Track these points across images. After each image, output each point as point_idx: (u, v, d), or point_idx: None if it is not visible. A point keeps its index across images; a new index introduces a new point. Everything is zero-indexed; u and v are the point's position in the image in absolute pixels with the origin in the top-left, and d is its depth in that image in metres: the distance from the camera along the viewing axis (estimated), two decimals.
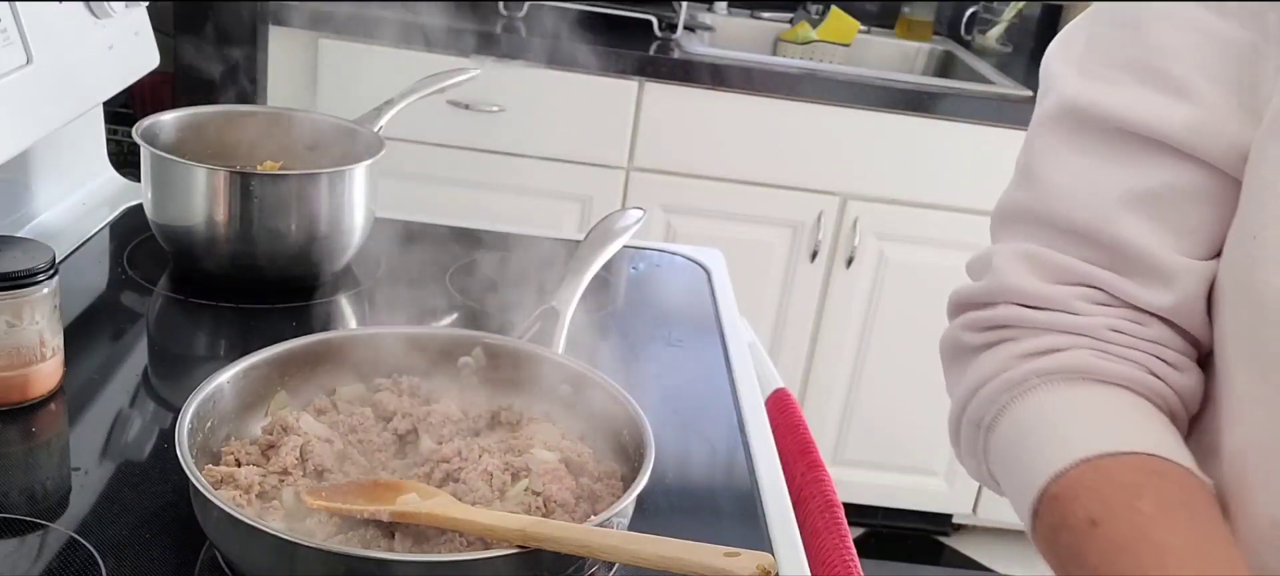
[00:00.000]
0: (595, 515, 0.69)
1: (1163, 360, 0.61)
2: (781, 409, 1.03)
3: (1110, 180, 0.62)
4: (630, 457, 0.75)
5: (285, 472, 0.72)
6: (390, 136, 1.14)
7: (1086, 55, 0.64)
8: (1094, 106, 0.62)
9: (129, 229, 1.16)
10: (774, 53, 2.57)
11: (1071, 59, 0.65)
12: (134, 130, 1.04)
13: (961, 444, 0.68)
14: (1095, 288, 0.62)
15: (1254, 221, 0.57)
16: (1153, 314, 0.62)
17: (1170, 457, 0.57)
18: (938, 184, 2.20)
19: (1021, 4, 2.61)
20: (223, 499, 0.64)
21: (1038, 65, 0.71)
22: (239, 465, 0.72)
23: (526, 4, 2.32)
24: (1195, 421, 0.64)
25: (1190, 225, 0.61)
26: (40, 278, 0.80)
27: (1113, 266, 0.62)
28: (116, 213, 1.19)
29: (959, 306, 0.68)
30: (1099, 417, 0.60)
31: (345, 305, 1.08)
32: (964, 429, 0.66)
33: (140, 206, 1.11)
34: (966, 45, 2.62)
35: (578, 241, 1.03)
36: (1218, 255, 0.62)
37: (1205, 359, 0.64)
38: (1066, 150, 0.63)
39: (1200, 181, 0.61)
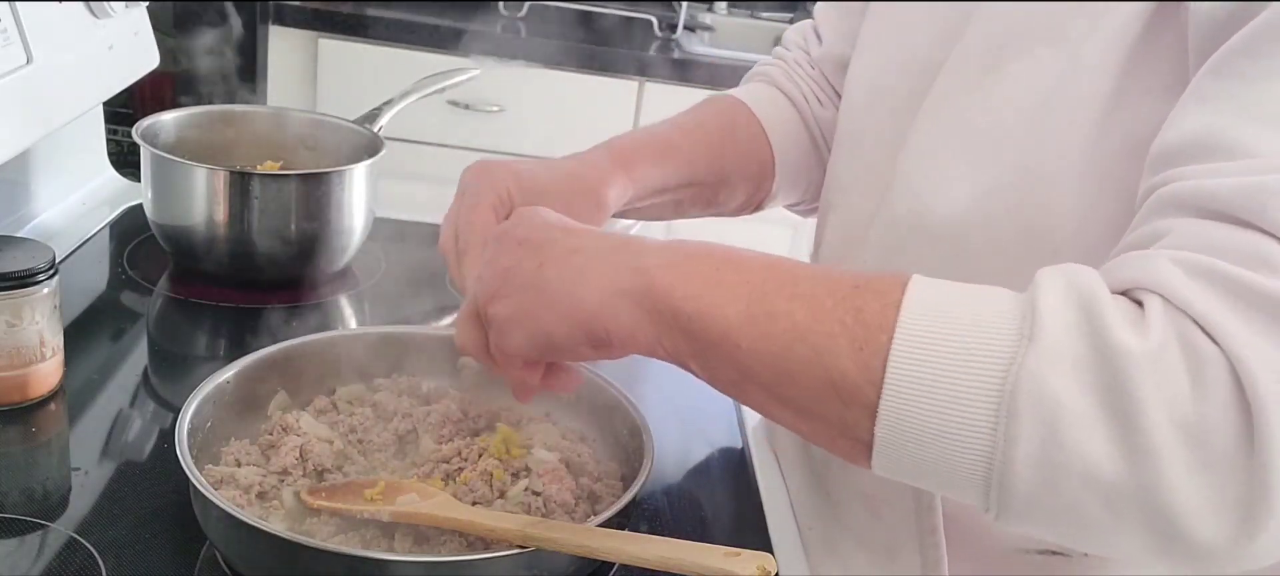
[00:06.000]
0: (595, 515, 0.69)
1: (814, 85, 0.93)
2: None
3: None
4: (630, 457, 0.75)
5: (285, 472, 0.72)
6: (390, 136, 1.14)
7: None
8: None
9: (129, 229, 1.16)
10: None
11: None
12: (134, 130, 1.04)
13: None
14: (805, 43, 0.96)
15: (863, 17, 0.83)
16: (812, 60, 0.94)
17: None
18: None
19: None
20: (223, 499, 0.64)
21: None
22: (239, 465, 0.72)
23: (526, 4, 2.33)
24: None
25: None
26: (40, 277, 0.80)
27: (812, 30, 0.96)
28: (116, 213, 1.19)
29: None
30: None
31: (345, 305, 1.08)
32: None
33: (140, 206, 1.11)
34: None
35: None
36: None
37: None
38: None
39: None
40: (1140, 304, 0.48)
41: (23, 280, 0.79)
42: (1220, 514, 0.46)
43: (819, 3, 0.95)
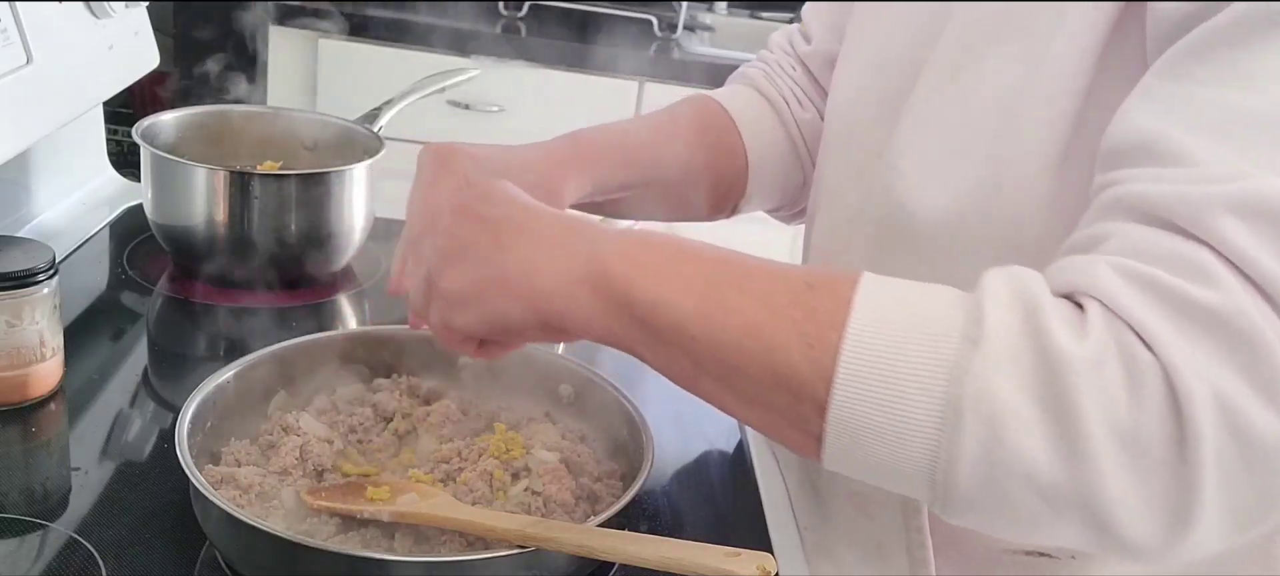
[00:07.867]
0: (595, 515, 0.69)
1: (796, 88, 0.92)
2: None
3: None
4: (630, 457, 0.75)
5: (285, 472, 0.72)
6: (390, 136, 1.14)
7: None
8: None
9: (129, 229, 1.16)
10: None
11: None
12: (134, 130, 1.04)
13: None
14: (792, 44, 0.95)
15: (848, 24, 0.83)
16: (800, 60, 0.93)
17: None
18: None
19: None
20: (223, 499, 0.64)
21: None
22: (239, 465, 0.72)
23: (526, 4, 2.33)
24: None
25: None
26: (40, 277, 0.80)
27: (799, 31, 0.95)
28: (116, 213, 1.19)
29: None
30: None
31: (345, 305, 1.08)
32: None
33: (140, 206, 1.11)
34: None
35: None
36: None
37: None
38: None
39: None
40: (1082, 307, 0.50)
41: (23, 280, 0.79)
42: (1153, 514, 0.48)
43: (808, 1, 0.94)
